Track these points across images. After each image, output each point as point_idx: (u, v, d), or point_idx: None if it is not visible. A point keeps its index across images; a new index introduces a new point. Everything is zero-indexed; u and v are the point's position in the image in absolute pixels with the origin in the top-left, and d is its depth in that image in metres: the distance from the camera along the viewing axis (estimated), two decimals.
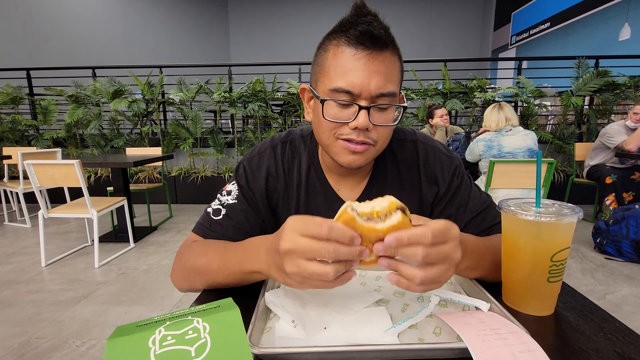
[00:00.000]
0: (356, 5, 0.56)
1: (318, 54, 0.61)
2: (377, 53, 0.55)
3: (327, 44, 0.59)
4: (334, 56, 0.56)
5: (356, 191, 0.71)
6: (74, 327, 1.71)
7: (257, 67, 4.53)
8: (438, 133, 3.12)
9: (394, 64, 0.57)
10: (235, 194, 0.69)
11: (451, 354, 0.39)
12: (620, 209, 2.56)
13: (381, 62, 0.55)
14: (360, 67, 0.54)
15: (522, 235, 0.48)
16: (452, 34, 9.19)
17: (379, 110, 0.57)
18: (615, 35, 5.33)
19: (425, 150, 0.72)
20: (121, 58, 6.55)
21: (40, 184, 2.36)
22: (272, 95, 4.40)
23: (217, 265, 0.55)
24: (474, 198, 0.71)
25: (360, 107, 0.55)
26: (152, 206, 4.02)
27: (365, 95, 0.55)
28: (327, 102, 0.57)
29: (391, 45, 0.56)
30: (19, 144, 4.55)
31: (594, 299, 1.89)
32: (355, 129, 0.57)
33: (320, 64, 0.59)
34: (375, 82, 0.54)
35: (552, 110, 4.68)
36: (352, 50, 0.55)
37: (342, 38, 0.56)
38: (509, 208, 0.48)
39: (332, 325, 0.45)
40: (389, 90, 0.56)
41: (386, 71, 0.55)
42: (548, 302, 0.49)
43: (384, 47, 0.55)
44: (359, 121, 0.56)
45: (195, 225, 0.69)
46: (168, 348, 0.30)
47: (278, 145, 0.72)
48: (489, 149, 2.43)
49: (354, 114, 0.56)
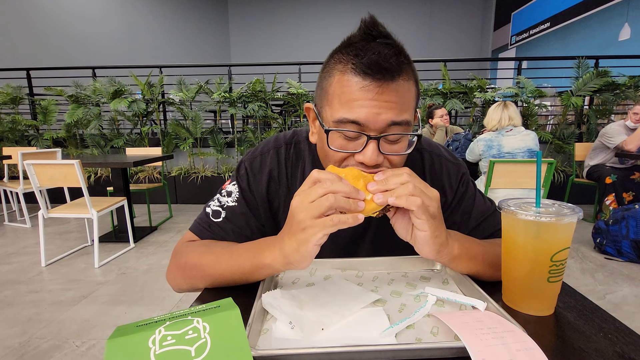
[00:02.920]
0: (365, 25, 0.51)
1: (323, 76, 0.56)
2: (388, 83, 0.49)
3: (332, 68, 0.53)
4: (339, 83, 0.52)
5: None
6: (74, 327, 1.71)
7: (257, 67, 4.53)
8: (438, 133, 3.12)
9: (407, 90, 0.52)
10: (236, 196, 0.67)
11: (449, 353, 0.39)
12: (620, 209, 2.56)
13: (392, 91, 0.50)
14: (368, 98, 0.49)
15: (521, 235, 0.48)
16: (452, 34, 9.19)
17: (391, 140, 0.53)
18: (615, 35, 5.33)
19: (431, 159, 0.70)
20: (121, 58, 6.56)
21: (40, 184, 2.37)
22: (272, 95, 4.40)
23: (225, 262, 0.56)
24: (479, 205, 0.70)
25: (369, 137, 0.51)
26: (152, 206, 4.02)
27: (373, 127, 0.50)
28: (332, 132, 0.53)
29: (404, 71, 0.51)
30: (19, 144, 4.55)
31: (594, 299, 1.89)
32: (361, 164, 0.53)
33: (325, 89, 0.55)
34: (385, 113, 0.50)
35: (552, 110, 4.68)
36: (359, 80, 0.49)
37: (348, 64, 0.51)
38: (509, 208, 0.48)
39: (329, 326, 0.45)
40: (401, 119, 0.51)
41: (398, 101, 0.50)
42: (548, 302, 0.49)
43: (396, 76, 0.50)
44: (366, 155, 0.51)
45: (193, 224, 0.68)
46: (168, 348, 0.30)
47: (282, 147, 0.69)
48: (489, 149, 2.43)
49: (362, 145, 0.52)
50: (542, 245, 0.46)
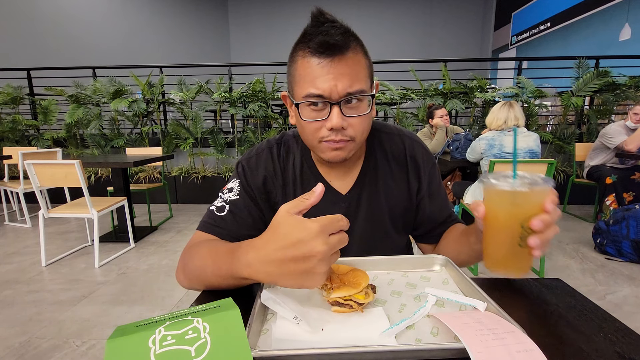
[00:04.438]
0: (314, 15, 0.60)
1: (289, 65, 0.66)
2: (339, 58, 0.59)
3: (295, 55, 0.63)
4: (302, 66, 0.61)
5: (347, 181, 0.76)
6: (74, 327, 1.71)
7: (257, 67, 4.52)
8: (438, 133, 3.12)
9: (357, 62, 0.61)
10: (237, 190, 0.73)
11: (449, 354, 0.39)
12: (620, 209, 2.56)
13: (344, 65, 0.59)
14: (325, 73, 0.59)
15: (497, 204, 0.51)
16: (452, 34, 9.18)
17: (350, 105, 0.62)
18: (615, 36, 5.33)
19: (411, 145, 0.79)
20: (121, 58, 6.55)
21: (41, 184, 2.37)
22: (272, 96, 4.40)
23: (210, 270, 0.56)
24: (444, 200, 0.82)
25: (331, 104, 0.60)
26: (152, 206, 4.02)
27: (334, 97, 0.59)
28: (302, 105, 0.62)
29: (351, 46, 0.60)
30: (20, 144, 4.56)
31: (594, 299, 1.88)
32: (332, 130, 0.62)
33: (292, 74, 0.65)
34: (341, 84, 0.59)
35: (553, 110, 4.68)
36: (315, 59, 0.59)
37: (306, 49, 0.60)
38: (488, 180, 0.50)
39: (329, 327, 0.45)
40: (355, 89, 0.60)
41: (350, 72, 0.59)
42: (521, 263, 0.51)
43: (345, 51, 0.59)
44: (333, 121, 0.60)
45: (200, 224, 0.72)
46: (168, 348, 0.30)
47: (274, 146, 0.77)
48: (491, 148, 2.42)
49: (327, 113, 0.61)
50: (514, 213, 0.49)
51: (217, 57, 9.05)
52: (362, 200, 0.76)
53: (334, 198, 0.75)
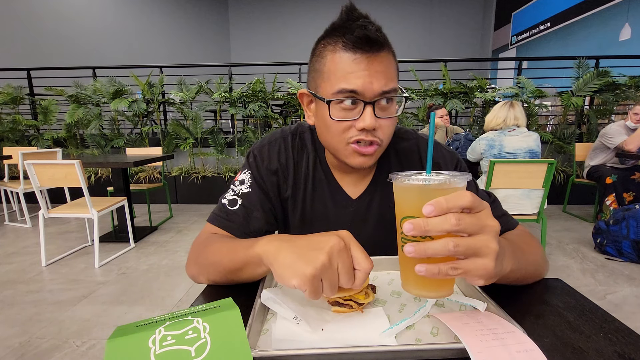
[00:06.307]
0: (347, 9, 0.57)
1: (314, 60, 0.61)
2: (375, 55, 0.56)
3: (322, 50, 0.59)
4: (332, 61, 0.57)
5: (360, 187, 0.73)
6: (74, 327, 1.71)
7: (257, 67, 4.53)
8: (438, 133, 3.12)
9: (390, 62, 0.58)
10: (249, 182, 0.70)
11: (449, 354, 0.39)
12: (620, 209, 2.56)
13: (380, 62, 0.56)
14: (361, 69, 0.55)
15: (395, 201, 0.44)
16: (452, 34, 9.18)
17: (382, 106, 0.59)
18: (615, 36, 5.32)
19: (426, 144, 0.71)
20: (121, 58, 6.55)
21: (41, 184, 2.37)
22: (272, 96, 4.40)
23: (226, 252, 0.56)
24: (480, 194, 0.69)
25: (365, 103, 0.56)
26: (152, 206, 4.02)
27: (369, 94, 0.56)
28: (333, 103, 0.58)
29: (386, 45, 0.57)
30: (20, 144, 4.56)
31: (594, 299, 1.88)
32: (362, 131, 0.58)
33: (319, 70, 0.60)
34: (377, 82, 0.56)
35: (553, 110, 4.68)
36: (350, 54, 0.55)
37: (338, 43, 0.56)
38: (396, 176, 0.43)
39: (329, 327, 0.45)
40: (390, 88, 0.57)
41: (385, 70, 0.57)
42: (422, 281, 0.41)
43: (381, 49, 0.56)
44: (366, 121, 0.57)
45: (210, 216, 0.70)
46: (168, 348, 0.30)
47: (288, 136, 0.74)
48: (491, 148, 2.42)
49: (359, 112, 0.57)
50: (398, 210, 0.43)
51: (217, 57, 9.05)
52: (372, 205, 0.73)
53: (344, 202, 0.73)
